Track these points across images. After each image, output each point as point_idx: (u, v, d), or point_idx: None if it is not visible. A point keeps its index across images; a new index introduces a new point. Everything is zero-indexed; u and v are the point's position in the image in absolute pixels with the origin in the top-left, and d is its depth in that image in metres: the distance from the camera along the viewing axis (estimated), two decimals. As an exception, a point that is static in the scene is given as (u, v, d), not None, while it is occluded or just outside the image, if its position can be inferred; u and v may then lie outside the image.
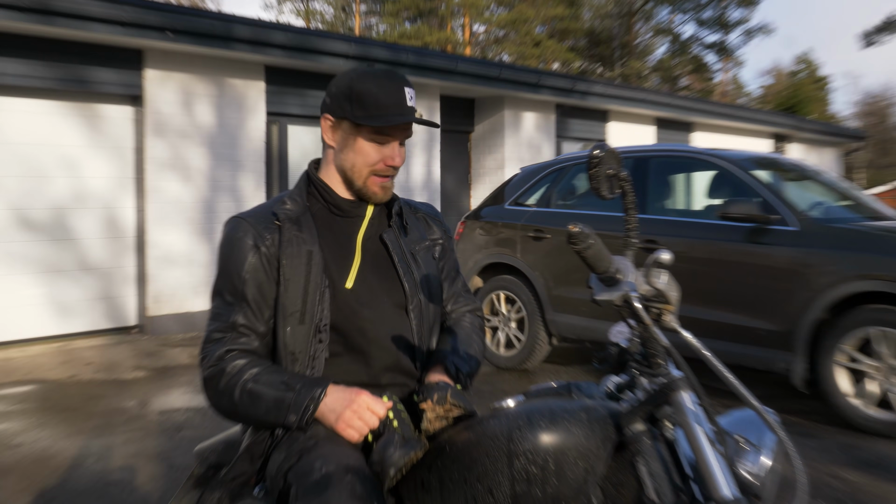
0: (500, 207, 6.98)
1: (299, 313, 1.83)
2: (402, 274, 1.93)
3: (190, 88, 8.30)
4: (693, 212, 6.26)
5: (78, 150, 7.80)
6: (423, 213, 2.12)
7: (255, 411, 1.78)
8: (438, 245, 2.09)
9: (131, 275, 8.21)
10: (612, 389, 1.68)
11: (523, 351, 6.53)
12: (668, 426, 1.51)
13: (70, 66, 7.55)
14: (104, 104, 7.97)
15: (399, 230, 2.00)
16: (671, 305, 1.42)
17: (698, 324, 5.38)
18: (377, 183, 1.92)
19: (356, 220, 1.97)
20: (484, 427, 1.56)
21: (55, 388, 5.99)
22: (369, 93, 1.85)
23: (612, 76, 36.89)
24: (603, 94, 12.51)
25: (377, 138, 1.88)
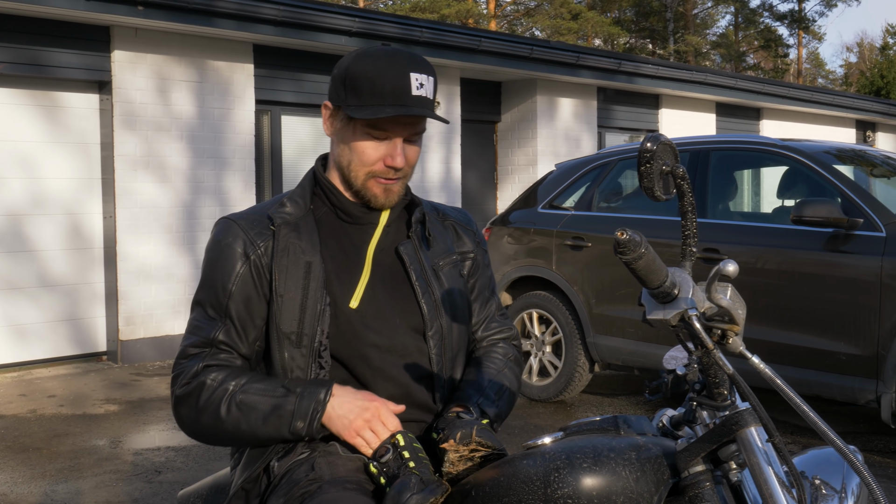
0: (531, 211, 7.00)
1: (295, 335, 1.85)
2: (420, 293, 1.94)
3: (165, 72, 8.39)
4: (761, 215, 6.27)
5: (35, 146, 7.90)
6: (452, 220, 2.12)
7: (248, 425, 1.80)
8: (469, 259, 2.08)
9: (100, 292, 8.29)
10: (667, 424, 1.69)
11: (559, 380, 6.54)
12: (734, 467, 1.52)
13: (24, 48, 7.66)
14: (65, 92, 8.07)
15: (420, 241, 1.99)
16: (737, 325, 1.43)
17: (766, 347, 5.37)
18: (378, 185, 1.90)
19: (367, 227, 1.97)
20: (516, 469, 1.58)
21: (13, 424, 6.06)
22: (364, 77, 1.82)
23: (665, 54, 36.84)
24: (654, 76, 12.52)
25: (374, 133, 1.86)
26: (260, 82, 9.11)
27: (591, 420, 1.67)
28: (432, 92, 1.86)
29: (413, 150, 1.91)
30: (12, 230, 7.81)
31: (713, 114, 14.58)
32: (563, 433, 1.66)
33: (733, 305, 1.41)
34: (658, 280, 1.37)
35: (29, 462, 5.22)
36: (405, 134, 1.87)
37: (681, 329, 1.43)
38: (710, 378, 1.49)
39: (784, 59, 42.66)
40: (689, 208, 1.43)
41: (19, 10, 7.43)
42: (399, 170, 1.89)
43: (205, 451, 5.45)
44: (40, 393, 6.98)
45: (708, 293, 1.40)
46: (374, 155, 1.87)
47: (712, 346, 1.40)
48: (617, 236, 1.33)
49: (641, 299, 1.43)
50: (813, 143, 6.07)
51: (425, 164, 10.57)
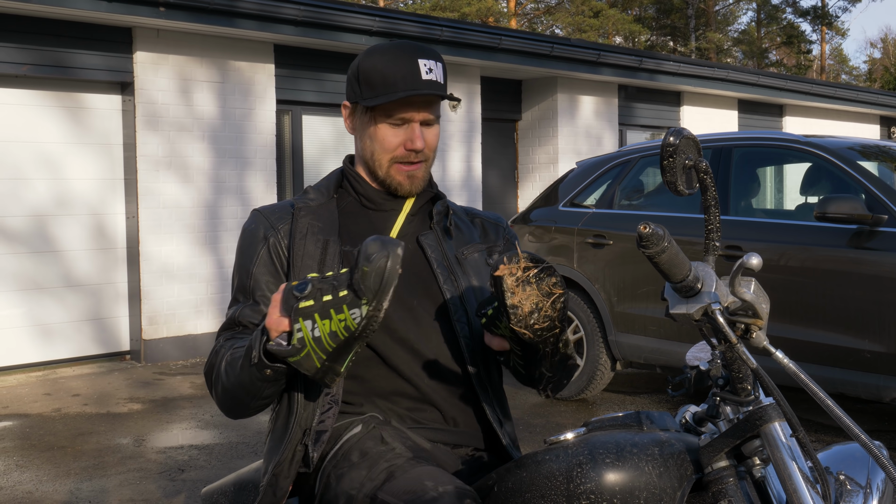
0: (552, 209, 7.00)
1: None
2: (442, 280, 1.98)
3: (187, 73, 8.44)
4: (785, 212, 6.24)
5: (58, 146, 7.97)
6: (481, 218, 2.17)
7: (235, 377, 1.81)
8: (496, 252, 2.10)
9: (123, 292, 8.36)
10: (690, 420, 1.69)
11: (581, 378, 6.53)
12: (758, 463, 1.52)
13: (47, 50, 7.72)
14: (88, 93, 8.14)
15: (442, 233, 2.04)
16: (761, 320, 1.43)
17: (790, 345, 5.34)
18: (402, 172, 1.98)
19: (390, 214, 2.03)
20: (538, 464, 1.58)
21: (38, 423, 6.12)
22: (375, 69, 1.92)
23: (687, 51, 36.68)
24: (675, 73, 12.48)
25: (392, 120, 1.94)
26: (281, 82, 9.15)
27: (614, 416, 1.67)
28: (442, 77, 1.95)
29: (431, 133, 1.98)
30: (37, 231, 7.88)
31: (735, 111, 14.51)
32: (585, 429, 1.66)
33: (757, 299, 1.41)
34: (681, 274, 1.37)
35: (54, 460, 5.27)
36: (421, 117, 1.95)
37: (704, 324, 1.43)
38: (733, 373, 1.49)
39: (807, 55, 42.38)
40: (712, 202, 1.43)
41: (41, 13, 7.50)
42: (419, 152, 1.96)
43: (228, 448, 5.49)
44: (65, 392, 7.04)
45: (731, 287, 1.40)
46: (394, 141, 1.96)
47: (736, 340, 1.40)
48: (640, 230, 1.33)
49: (665, 294, 1.43)
50: (836, 139, 6.03)
51: (446, 163, 10.58)
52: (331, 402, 1.87)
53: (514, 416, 6.01)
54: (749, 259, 1.34)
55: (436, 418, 1.96)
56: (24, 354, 7.82)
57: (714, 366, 1.58)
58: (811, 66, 43.25)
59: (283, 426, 1.91)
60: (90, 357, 8.20)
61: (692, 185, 1.43)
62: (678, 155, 1.39)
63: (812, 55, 43.72)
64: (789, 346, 5.35)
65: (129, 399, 6.80)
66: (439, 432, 1.95)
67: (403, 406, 1.94)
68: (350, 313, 1.61)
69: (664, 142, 1.39)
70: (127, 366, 8.10)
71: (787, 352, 4.76)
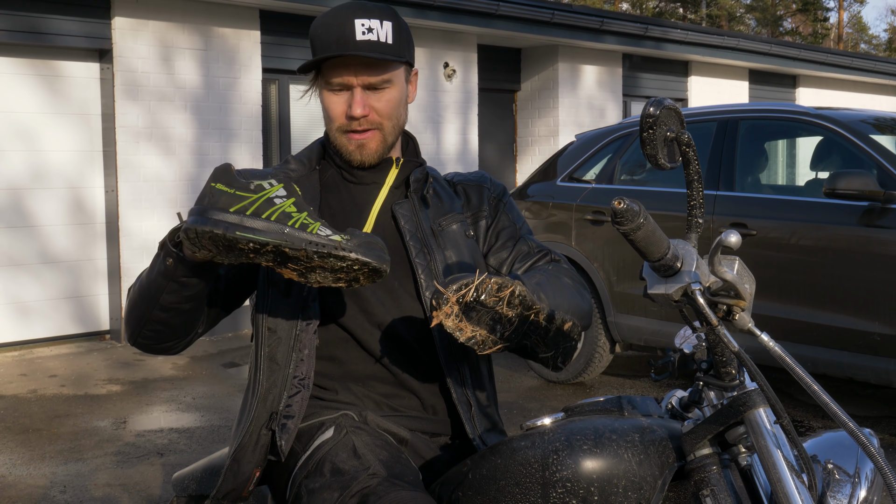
0: (550, 184, 6.98)
1: (283, 282, 1.87)
2: (414, 254, 1.95)
3: (168, 40, 8.39)
4: (794, 188, 6.22)
5: (34, 117, 7.93)
6: (464, 184, 2.13)
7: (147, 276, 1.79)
8: (483, 218, 2.07)
9: (102, 269, 8.35)
10: (677, 406, 1.69)
11: (579, 360, 6.53)
12: (743, 451, 1.52)
13: (21, 15, 7.67)
14: (64, 60, 8.09)
15: (419, 202, 2.01)
16: (743, 301, 1.42)
17: (795, 327, 5.34)
18: (351, 141, 1.94)
19: (372, 188, 2.01)
20: (513, 451, 1.58)
21: (13, 404, 6.13)
22: (315, 34, 1.91)
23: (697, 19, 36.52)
24: (683, 41, 12.42)
25: (333, 87, 1.92)
26: (267, 50, 9.09)
27: (595, 400, 1.67)
28: (389, 36, 1.89)
29: (380, 98, 1.92)
30: (12, 205, 7.86)
31: (746, 81, 14.45)
32: (564, 414, 1.66)
33: (740, 280, 1.40)
34: (659, 252, 1.36)
35: (28, 443, 5.28)
36: (361, 82, 1.90)
37: (684, 304, 1.42)
38: (716, 357, 1.48)
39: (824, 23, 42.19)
40: (695, 177, 1.42)
41: (16, -25, 7.45)
42: (360, 119, 1.91)
43: (209, 432, 5.50)
44: (41, 373, 7.05)
45: (711, 267, 1.39)
46: (337, 109, 1.93)
47: (717, 322, 1.39)
48: (614, 205, 1.32)
49: (643, 273, 1.42)
50: (849, 111, 6.00)
51: (440, 136, 10.55)
52: (299, 385, 1.85)
53: (509, 399, 6.06)
54: (727, 237, 1.32)
55: (414, 405, 1.95)
56: (0, 334, 7.81)
57: (698, 349, 1.58)
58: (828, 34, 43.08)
59: (244, 407, 1.91)
60: (68, 336, 8.20)
61: (675, 158, 1.41)
62: (658, 126, 1.38)
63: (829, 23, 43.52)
64: (794, 328, 5.35)
65: (107, 380, 6.81)
66: (417, 420, 1.94)
67: (379, 391, 1.93)
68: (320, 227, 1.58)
69: (644, 112, 1.38)
70: (106, 345, 8.11)
71: (792, 334, 4.76)
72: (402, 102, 1.98)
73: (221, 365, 7.16)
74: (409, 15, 9.52)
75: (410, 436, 1.90)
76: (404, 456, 1.79)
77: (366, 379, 1.93)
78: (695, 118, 6.33)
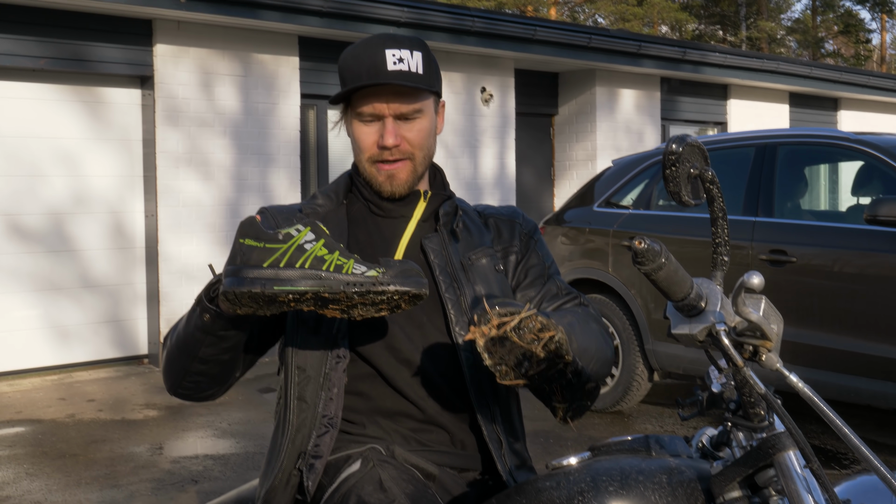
0: (587, 209, 6.94)
1: (314, 319, 1.87)
2: (444, 288, 1.93)
3: (209, 66, 8.49)
4: (835, 214, 6.15)
5: (76, 142, 8.05)
6: (494, 217, 2.11)
7: (183, 329, 1.81)
8: (513, 253, 2.06)
9: (141, 293, 8.42)
10: (707, 445, 1.65)
11: (616, 388, 6.47)
12: (773, 495, 1.48)
13: (66, 43, 7.80)
14: (107, 87, 8.21)
15: (448, 235, 1.99)
16: (770, 341, 1.39)
17: (837, 356, 5.26)
18: (382, 171, 1.94)
19: (400, 221, 2.00)
20: (539, 492, 1.55)
21: (51, 429, 6.18)
22: (345, 65, 1.92)
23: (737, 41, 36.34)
24: (721, 65, 12.35)
25: (363, 117, 1.91)
26: (305, 76, 9.17)
27: (622, 439, 1.64)
28: (420, 66, 1.89)
29: (412, 128, 1.92)
30: (54, 229, 7.96)
31: (786, 104, 14.33)
32: (590, 453, 1.63)
33: (765, 320, 1.37)
34: (682, 292, 1.34)
35: (65, 469, 5.32)
36: (392, 112, 1.90)
37: (709, 345, 1.39)
38: (744, 397, 1.45)
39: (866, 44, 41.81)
40: (719, 214, 1.39)
41: (59, 4, 7.58)
42: (391, 149, 1.91)
43: (244, 458, 5.51)
44: (80, 397, 7.11)
45: (735, 307, 1.36)
46: (368, 139, 1.93)
47: (742, 363, 1.36)
48: (634, 245, 1.30)
49: (666, 312, 1.40)
50: (890, 136, 5.92)
51: (478, 160, 10.55)
52: (327, 425, 1.84)
53: (545, 428, 6.01)
54: (749, 278, 1.30)
55: (443, 440, 1.93)
56: (40, 357, 7.90)
57: (727, 388, 1.54)
58: (870, 56, 42.67)
59: (274, 446, 1.90)
60: (107, 360, 8.27)
61: (699, 195, 1.39)
62: (682, 163, 1.36)
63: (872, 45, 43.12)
64: (836, 357, 5.26)
65: (144, 405, 6.85)
66: (446, 455, 1.91)
67: (408, 426, 1.91)
68: (354, 265, 1.58)
69: (666, 149, 1.36)
70: (144, 370, 8.17)
71: (833, 364, 4.68)
72: (432, 133, 1.98)
73: (257, 390, 7.18)
74: (446, 40, 9.57)
75: (438, 471, 1.87)
76: (430, 491, 1.77)
77: (394, 414, 1.91)
78: (733, 144, 6.28)
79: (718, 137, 6.53)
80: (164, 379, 1.92)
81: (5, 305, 7.72)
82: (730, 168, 6.19)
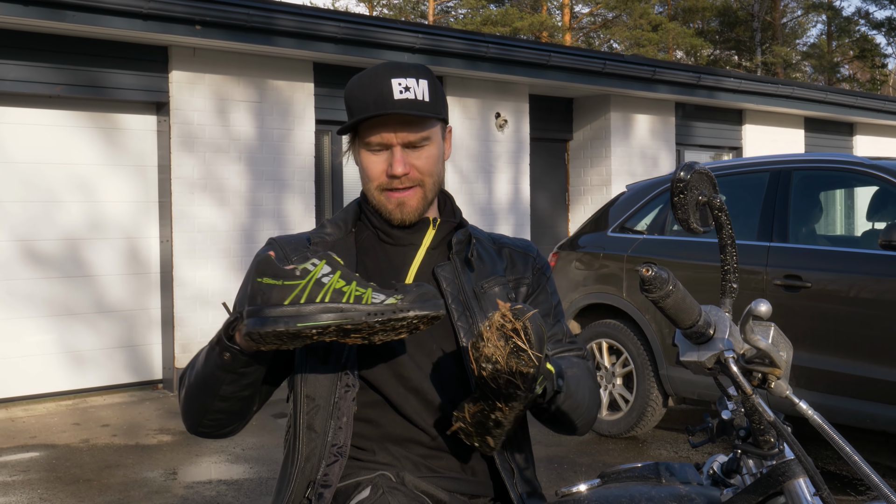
0: (601, 235, 6.94)
1: (322, 350, 1.87)
2: (456, 317, 1.93)
3: (224, 93, 8.55)
4: (850, 239, 6.12)
5: (92, 168, 8.11)
6: (509, 247, 2.12)
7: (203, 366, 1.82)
8: (524, 285, 2.06)
9: (156, 318, 8.46)
10: (718, 472, 1.65)
11: (631, 414, 6.44)
12: (784, 522, 1.48)
13: (82, 70, 7.88)
14: (122, 113, 8.28)
15: (462, 264, 2.00)
16: (779, 369, 1.39)
17: (854, 381, 5.22)
18: (391, 199, 1.95)
19: (409, 249, 2.00)
20: (547, 518, 1.55)
21: (65, 454, 6.20)
22: (351, 96, 1.93)
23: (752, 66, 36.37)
24: (736, 90, 12.36)
25: (372, 146, 1.93)
26: (320, 101, 9.22)
27: (632, 466, 1.64)
28: (426, 93, 1.90)
29: (420, 156, 1.94)
30: (69, 254, 8.01)
31: (802, 129, 14.31)
32: (600, 480, 1.63)
33: (774, 348, 1.37)
34: (690, 319, 1.34)
35: (78, 494, 5.32)
36: (400, 140, 1.91)
37: (717, 372, 1.39)
38: (754, 424, 1.45)
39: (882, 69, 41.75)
40: (727, 241, 1.40)
41: (76, 32, 7.66)
42: (401, 177, 1.92)
43: (257, 484, 5.50)
44: (94, 422, 7.12)
45: (743, 335, 1.36)
46: (376, 168, 1.94)
47: (750, 391, 1.36)
48: (642, 273, 1.31)
49: (675, 340, 1.40)
50: (906, 161, 5.90)
51: (492, 185, 10.57)
52: (336, 454, 1.84)
53: (559, 453, 5.99)
54: (757, 306, 1.30)
55: (453, 466, 1.92)
56: (55, 382, 7.93)
57: (737, 415, 1.54)
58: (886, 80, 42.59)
59: (284, 476, 1.91)
60: (121, 385, 8.30)
61: (707, 222, 1.40)
62: (690, 191, 1.36)
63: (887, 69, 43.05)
64: (851, 382, 5.23)
65: (158, 430, 6.86)
66: (456, 482, 1.91)
67: (418, 453, 1.91)
68: (373, 293, 1.62)
69: (674, 177, 1.37)
70: (159, 395, 8.18)
71: (848, 390, 4.65)
72: (440, 159, 1.99)
73: (271, 415, 7.18)
74: (460, 66, 9.62)
75: (449, 497, 1.87)
76: (444, 502, 1.78)
77: (404, 440, 1.91)
78: (747, 169, 6.27)
79: (733, 163, 6.53)
80: (185, 419, 1.94)
81: (21, 330, 7.77)
82: (744, 193, 6.19)
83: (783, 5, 38.67)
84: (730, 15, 37.40)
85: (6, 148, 7.73)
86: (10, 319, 7.73)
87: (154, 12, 7.57)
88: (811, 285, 5.45)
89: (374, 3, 36.38)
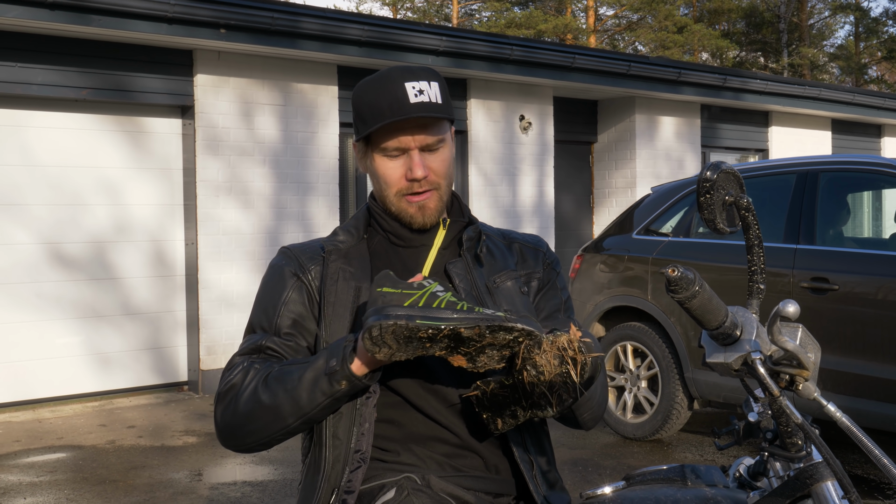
0: (626, 237, 6.91)
1: None
2: None
3: (249, 96, 8.59)
4: (878, 241, 6.06)
5: (118, 171, 8.17)
6: (519, 242, 2.13)
7: (285, 392, 1.81)
8: (535, 279, 2.08)
9: (181, 321, 8.50)
10: (744, 474, 1.64)
11: (656, 417, 6.41)
12: (812, 525, 1.46)
13: (108, 73, 7.94)
14: (148, 117, 8.34)
15: (472, 260, 2.01)
16: (807, 370, 1.37)
17: (884, 386, 5.17)
18: (412, 203, 1.95)
19: (421, 250, 2.02)
20: (572, 521, 1.54)
21: (92, 455, 6.24)
22: (364, 101, 1.92)
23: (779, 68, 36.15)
24: (763, 92, 12.29)
25: (389, 152, 1.92)
26: (345, 104, 9.24)
27: (657, 469, 1.63)
28: (439, 95, 1.91)
29: (436, 158, 1.94)
30: (96, 257, 8.07)
31: (829, 131, 14.21)
32: (625, 482, 1.62)
33: (802, 349, 1.36)
34: (716, 321, 1.33)
35: (104, 495, 5.36)
36: (418, 144, 1.91)
37: (744, 374, 1.38)
38: (781, 427, 1.44)
39: (911, 70, 41.36)
40: (755, 242, 1.39)
41: (102, 36, 7.71)
42: (421, 181, 1.92)
43: (282, 485, 5.52)
44: (120, 423, 7.17)
45: (770, 336, 1.35)
46: (395, 174, 1.94)
47: (778, 392, 1.35)
48: (667, 273, 1.30)
49: (701, 341, 1.39)
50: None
51: (517, 188, 10.56)
52: (359, 461, 1.85)
53: (584, 456, 5.97)
54: (785, 307, 1.29)
55: (477, 465, 1.92)
56: (81, 384, 7.99)
57: (764, 417, 1.53)
58: (915, 81, 42.19)
59: (310, 483, 1.91)
60: (147, 387, 8.35)
61: (734, 222, 1.39)
62: (716, 191, 1.36)
63: (916, 70, 42.63)
64: (879, 385, 5.18)
65: (184, 432, 6.89)
66: (480, 480, 1.91)
67: (441, 452, 1.91)
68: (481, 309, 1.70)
69: (700, 177, 1.36)
70: (184, 396, 8.23)
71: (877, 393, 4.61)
72: (453, 161, 2.01)
73: (295, 417, 7.20)
74: (484, 68, 9.62)
75: (474, 498, 1.87)
76: (469, 502, 1.78)
77: (427, 440, 1.91)
78: (774, 171, 6.23)
79: (759, 164, 6.49)
80: (228, 438, 1.92)
81: (48, 332, 7.83)
82: (771, 195, 6.15)
83: (810, 6, 38.39)
84: (756, 16, 37.18)
85: (33, 152, 7.80)
86: (38, 321, 7.80)
87: (179, 16, 7.61)
88: (838, 288, 5.40)
89: (398, 6, 36.44)
